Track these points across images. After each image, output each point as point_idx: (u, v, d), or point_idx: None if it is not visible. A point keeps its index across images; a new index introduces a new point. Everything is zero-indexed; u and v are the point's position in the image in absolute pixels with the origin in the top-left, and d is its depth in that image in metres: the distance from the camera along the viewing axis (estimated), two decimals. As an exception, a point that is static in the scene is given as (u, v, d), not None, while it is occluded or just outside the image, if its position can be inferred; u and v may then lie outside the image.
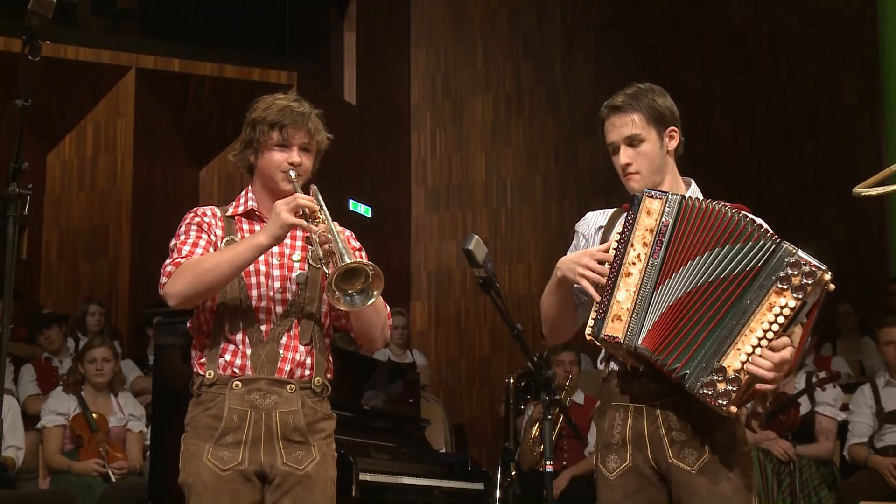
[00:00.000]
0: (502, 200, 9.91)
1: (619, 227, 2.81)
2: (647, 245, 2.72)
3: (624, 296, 2.71)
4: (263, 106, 3.09)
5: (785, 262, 2.59)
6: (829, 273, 2.57)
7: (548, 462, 3.24)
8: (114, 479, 5.82)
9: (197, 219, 3.08)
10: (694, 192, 2.95)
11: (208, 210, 3.12)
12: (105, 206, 8.72)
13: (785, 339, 2.59)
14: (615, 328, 2.70)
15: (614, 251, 2.76)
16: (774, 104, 8.94)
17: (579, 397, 6.68)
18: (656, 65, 9.26)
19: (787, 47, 8.97)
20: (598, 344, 2.79)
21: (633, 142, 2.92)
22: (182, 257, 2.98)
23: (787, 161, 8.58)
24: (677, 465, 2.76)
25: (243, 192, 3.17)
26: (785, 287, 2.57)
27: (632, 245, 2.73)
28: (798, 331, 2.63)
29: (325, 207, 2.96)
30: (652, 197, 2.76)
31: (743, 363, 2.57)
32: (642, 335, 2.68)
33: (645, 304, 2.69)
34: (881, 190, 2.64)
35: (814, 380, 5.98)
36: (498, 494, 6.05)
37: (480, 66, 10.14)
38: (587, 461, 6.59)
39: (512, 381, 8.21)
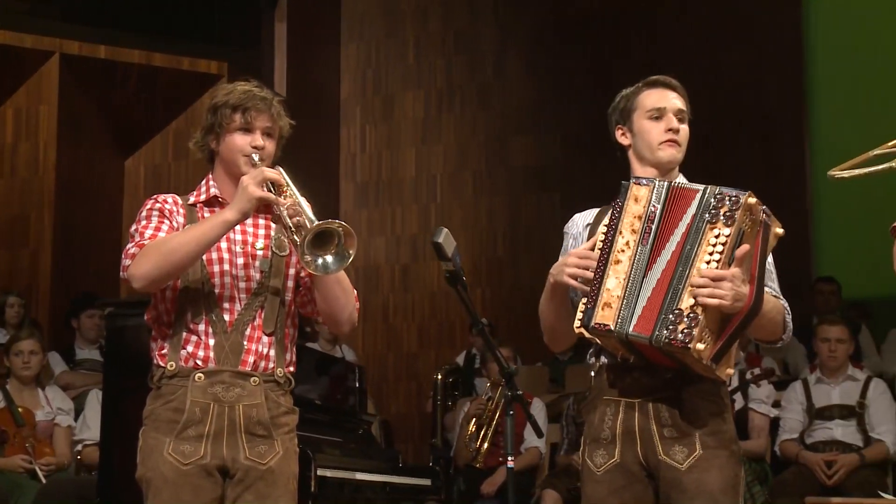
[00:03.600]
0: (432, 197, 9.90)
1: (606, 220, 2.79)
2: (635, 232, 2.70)
3: (613, 283, 2.69)
4: (225, 91, 3.05)
5: (710, 201, 2.62)
6: (753, 197, 2.60)
7: (510, 457, 3.21)
8: (41, 476, 5.66)
9: (158, 205, 3.01)
10: (682, 181, 2.93)
11: (169, 197, 3.05)
12: (26, 195, 8.46)
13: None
14: (605, 316, 2.67)
15: (601, 241, 2.74)
16: (703, 105, 9.05)
17: (516, 393, 6.70)
18: (589, 63, 9.35)
19: (716, 49, 9.12)
20: (587, 335, 2.74)
21: (681, 117, 2.94)
22: (145, 240, 2.91)
23: (714, 161, 8.73)
24: (667, 462, 2.74)
25: (204, 181, 3.10)
26: (715, 221, 2.60)
27: (620, 233, 2.72)
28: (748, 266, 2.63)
29: (291, 183, 2.94)
30: (639, 184, 2.75)
31: (694, 297, 2.56)
32: (633, 321, 2.64)
33: (635, 290, 2.66)
34: (856, 172, 2.64)
35: (748, 377, 6.10)
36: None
37: (412, 62, 10.11)
38: (523, 457, 6.64)
39: (440, 377, 8.25)
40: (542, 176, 9.49)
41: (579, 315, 2.72)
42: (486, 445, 6.64)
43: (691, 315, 2.55)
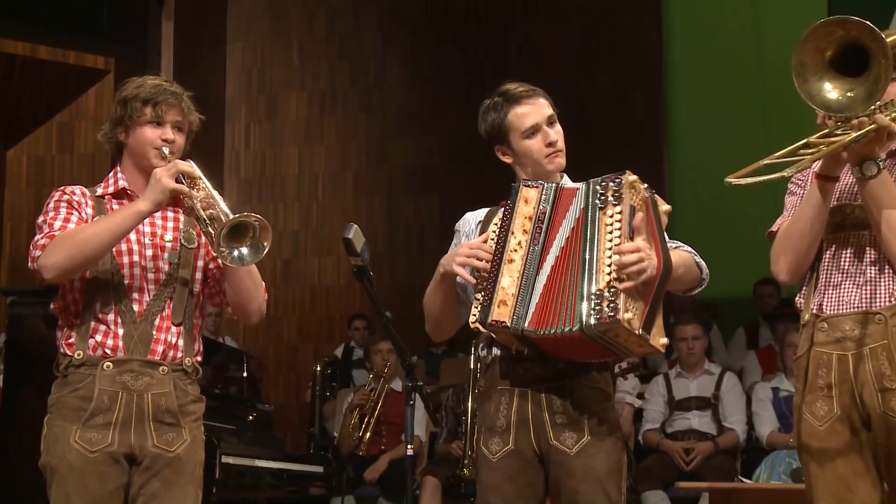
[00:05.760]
0: (314, 195, 10.05)
1: (497, 220, 2.89)
2: (526, 232, 2.83)
3: (508, 282, 2.80)
4: (135, 84, 3.09)
5: (596, 189, 2.78)
6: (633, 174, 2.75)
7: (409, 446, 3.12)
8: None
9: (66, 196, 3.03)
10: (566, 183, 3.03)
11: (77, 189, 3.07)
12: None
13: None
14: (502, 313, 2.79)
15: (493, 241, 2.84)
16: (573, 115, 9.46)
17: (397, 385, 6.91)
18: (467, 72, 9.61)
19: (585, 62, 9.46)
20: (483, 331, 2.86)
21: (552, 121, 3.01)
22: (55, 231, 2.92)
23: (581, 167, 9.14)
24: (557, 447, 2.85)
25: (112, 173, 3.13)
26: (604, 204, 2.74)
27: (512, 233, 2.83)
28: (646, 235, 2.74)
29: (203, 176, 2.99)
30: (528, 186, 2.88)
31: (608, 274, 2.66)
32: (528, 318, 2.76)
33: (529, 288, 2.79)
34: (750, 180, 2.76)
35: (616, 370, 6.44)
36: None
37: (296, 64, 10.23)
38: (403, 445, 6.83)
39: (319, 368, 8.43)
40: (421, 177, 9.72)
41: (474, 311, 2.83)
42: (368, 434, 6.79)
43: (610, 291, 2.64)
